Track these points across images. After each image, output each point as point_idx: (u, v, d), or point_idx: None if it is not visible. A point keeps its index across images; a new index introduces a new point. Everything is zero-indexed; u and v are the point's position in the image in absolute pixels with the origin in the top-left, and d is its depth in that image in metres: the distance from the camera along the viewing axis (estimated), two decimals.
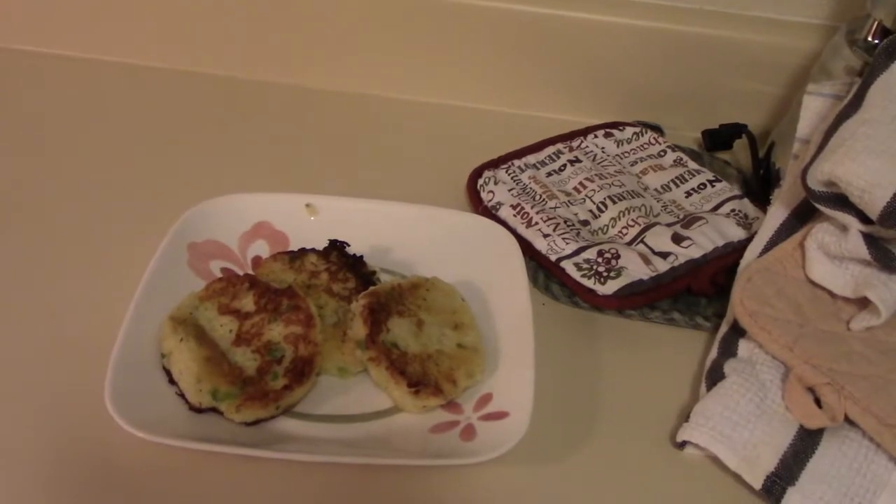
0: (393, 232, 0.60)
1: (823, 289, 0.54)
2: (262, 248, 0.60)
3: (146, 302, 0.52)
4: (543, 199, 0.65)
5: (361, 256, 0.58)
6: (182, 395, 0.49)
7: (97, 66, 0.80)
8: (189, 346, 0.49)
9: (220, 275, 0.57)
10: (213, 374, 0.49)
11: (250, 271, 0.58)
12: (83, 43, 0.80)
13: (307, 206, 0.60)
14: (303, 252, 0.58)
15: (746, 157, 0.72)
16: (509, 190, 0.66)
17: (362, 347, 0.51)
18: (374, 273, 0.58)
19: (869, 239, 0.51)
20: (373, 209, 0.61)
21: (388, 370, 0.50)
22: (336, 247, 0.58)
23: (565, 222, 0.63)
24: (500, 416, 0.49)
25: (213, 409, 0.49)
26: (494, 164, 0.69)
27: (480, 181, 0.67)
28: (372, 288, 0.54)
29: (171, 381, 0.50)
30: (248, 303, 0.53)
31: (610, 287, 0.57)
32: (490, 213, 0.65)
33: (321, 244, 0.58)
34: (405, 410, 0.51)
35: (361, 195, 0.62)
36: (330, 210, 0.60)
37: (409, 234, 0.60)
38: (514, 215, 0.63)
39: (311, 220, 0.60)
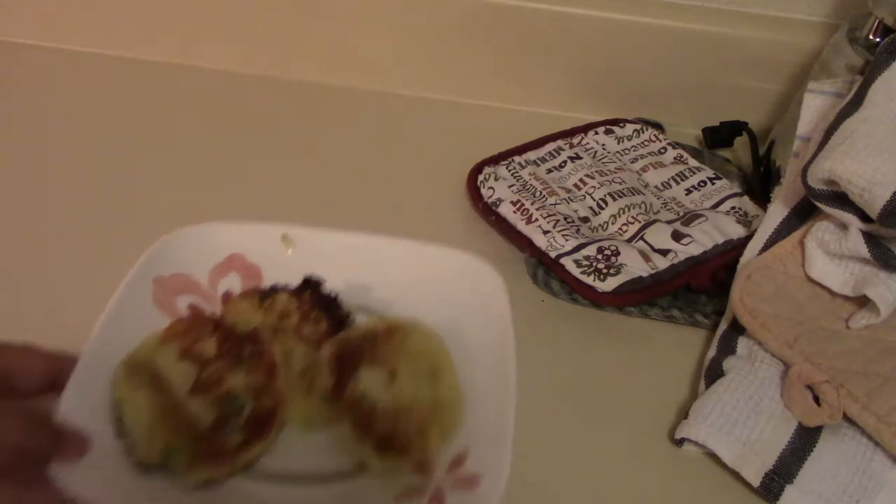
0: (374, 268, 0.54)
1: (823, 287, 0.54)
2: (234, 282, 0.54)
3: (101, 346, 0.46)
4: (543, 196, 0.65)
5: (336, 297, 0.52)
6: (131, 449, 0.44)
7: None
8: (143, 395, 0.45)
9: (187, 311, 0.52)
10: (165, 428, 0.44)
11: (219, 307, 0.53)
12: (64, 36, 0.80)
13: (283, 237, 0.55)
14: (274, 291, 0.52)
15: (747, 155, 0.72)
16: (509, 186, 0.66)
17: (328, 400, 0.46)
18: (348, 315, 0.52)
19: (869, 237, 0.51)
20: (353, 243, 0.55)
21: (353, 429, 0.45)
22: (310, 285, 0.53)
23: (565, 219, 0.63)
24: (472, 481, 0.44)
25: (164, 466, 0.43)
26: (495, 160, 0.69)
27: (480, 177, 0.67)
28: (342, 334, 0.49)
29: (120, 434, 0.44)
30: (209, 347, 0.48)
31: (609, 284, 0.57)
32: (490, 209, 0.65)
33: (296, 278, 0.53)
34: (370, 471, 0.45)
35: (361, 189, 0.61)
36: (307, 243, 0.55)
37: (390, 270, 0.54)
38: (514, 212, 0.63)
39: (287, 253, 0.55)
